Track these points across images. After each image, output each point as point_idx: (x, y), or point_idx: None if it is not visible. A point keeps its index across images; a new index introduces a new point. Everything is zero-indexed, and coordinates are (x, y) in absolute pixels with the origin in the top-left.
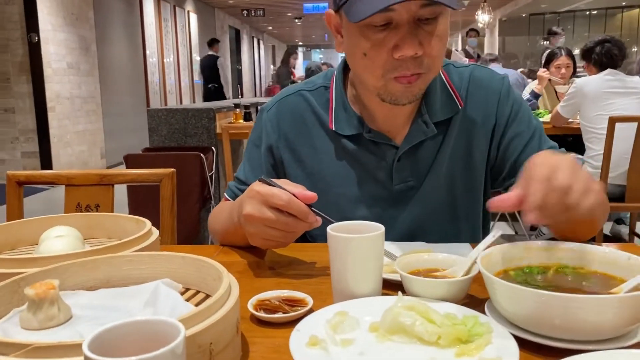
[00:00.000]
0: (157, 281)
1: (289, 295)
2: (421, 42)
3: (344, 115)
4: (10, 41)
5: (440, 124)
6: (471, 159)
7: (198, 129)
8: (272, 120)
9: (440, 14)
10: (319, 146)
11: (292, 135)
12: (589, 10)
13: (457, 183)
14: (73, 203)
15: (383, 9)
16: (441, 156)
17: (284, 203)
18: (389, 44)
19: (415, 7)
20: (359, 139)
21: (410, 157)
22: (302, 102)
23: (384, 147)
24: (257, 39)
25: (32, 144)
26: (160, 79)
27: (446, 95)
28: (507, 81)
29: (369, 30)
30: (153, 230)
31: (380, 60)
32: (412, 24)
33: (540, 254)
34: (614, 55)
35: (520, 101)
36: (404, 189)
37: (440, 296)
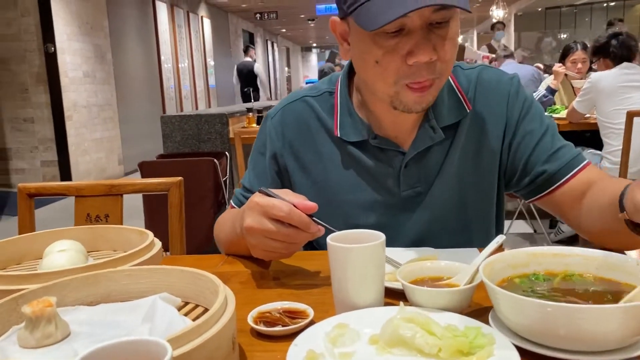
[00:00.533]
0: (155, 296)
1: (289, 306)
2: (435, 47)
3: (349, 121)
4: (28, 52)
5: (447, 128)
6: (481, 162)
7: (211, 134)
8: (277, 127)
9: (451, 17)
10: (324, 153)
11: (297, 142)
12: (606, 2)
13: (468, 187)
14: (83, 214)
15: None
16: (449, 161)
17: (284, 214)
18: (402, 51)
19: (428, 12)
20: (365, 145)
21: (417, 163)
22: (307, 108)
23: (390, 154)
24: (271, 42)
25: (51, 152)
26: (176, 85)
27: (454, 98)
28: (516, 81)
29: (380, 38)
30: (155, 242)
31: (394, 68)
32: (425, 29)
33: (547, 260)
34: (632, 47)
35: (531, 100)
36: (412, 195)
37: (442, 306)
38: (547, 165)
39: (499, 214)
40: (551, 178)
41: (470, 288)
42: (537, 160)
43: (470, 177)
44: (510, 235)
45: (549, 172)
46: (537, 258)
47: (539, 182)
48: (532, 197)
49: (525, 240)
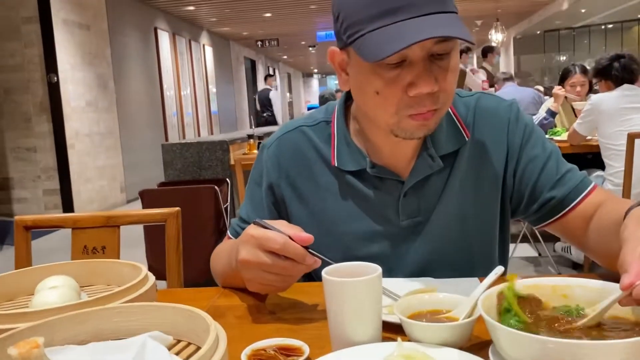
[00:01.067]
0: (145, 335)
1: (284, 343)
2: (436, 78)
3: (346, 150)
4: (31, 82)
5: (446, 156)
6: (482, 190)
7: (212, 161)
8: (272, 158)
9: (452, 49)
10: (321, 183)
11: (293, 173)
12: (604, 25)
13: (469, 216)
14: (80, 245)
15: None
16: (449, 190)
17: (280, 246)
18: (403, 82)
19: (430, 44)
20: (362, 174)
21: (417, 192)
22: (303, 138)
23: (389, 183)
24: (273, 68)
25: (54, 181)
26: (178, 112)
27: (452, 127)
28: (515, 107)
29: (381, 69)
30: (149, 277)
31: (395, 99)
32: (426, 61)
33: (546, 292)
34: (634, 70)
35: (531, 126)
36: (412, 225)
37: (441, 341)
38: (555, 192)
39: (504, 242)
40: (560, 204)
41: (470, 322)
42: (544, 187)
43: (470, 205)
44: (514, 258)
45: (558, 198)
46: (538, 290)
47: (548, 208)
48: (541, 223)
49: (530, 263)
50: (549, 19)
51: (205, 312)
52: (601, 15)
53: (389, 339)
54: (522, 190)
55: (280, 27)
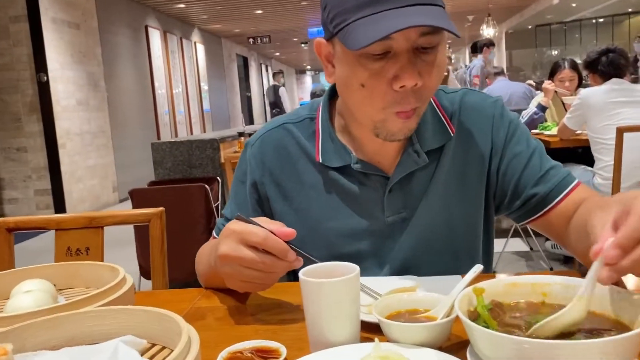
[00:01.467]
0: (117, 339)
1: (262, 345)
2: (420, 72)
3: (331, 146)
4: (20, 81)
5: (432, 152)
6: (466, 186)
7: (202, 159)
8: (256, 156)
9: (438, 43)
10: (305, 180)
11: (277, 170)
12: (595, 19)
13: (453, 212)
14: (63, 247)
15: (385, 37)
16: (434, 186)
17: (261, 240)
18: (387, 74)
19: (414, 36)
20: (347, 170)
21: (402, 188)
22: (287, 135)
23: (374, 179)
24: (265, 65)
25: (44, 181)
26: (170, 110)
27: (437, 122)
28: (500, 103)
29: (366, 60)
30: (127, 279)
31: (380, 92)
32: (411, 53)
33: (526, 290)
34: (621, 65)
35: (516, 122)
36: (397, 221)
37: (419, 341)
38: (538, 188)
39: (488, 238)
40: (543, 201)
41: (447, 322)
42: (527, 183)
43: (455, 201)
44: (506, 253)
45: (540, 194)
46: (517, 288)
47: (531, 205)
48: (525, 220)
49: (522, 258)
50: (541, 13)
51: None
52: (592, 9)
53: (368, 339)
54: (506, 187)
55: (272, 24)
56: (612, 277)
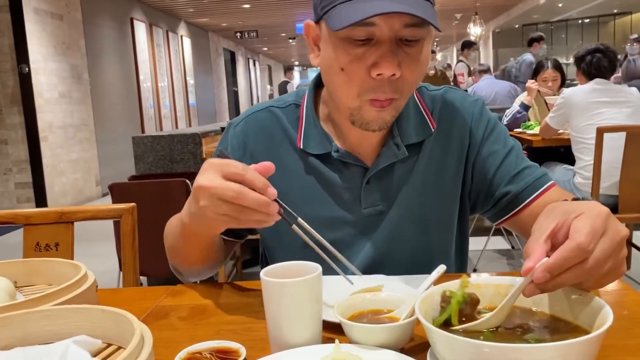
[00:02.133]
0: (69, 340)
1: (221, 346)
2: (400, 63)
3: (313, 133)
4: (2, 73)
5: (411, 147)
6: (443, 182)
7: (184, 154)
8: (238, 136)
9: (422, 39)
10: (286, 165)
11: (258, 152)
12: (581, 19)
13: (428, 208)
14: (32, 242)
15: (364, 20)
16: (412, 180)
17: (240, 170)
18: (367, 61)
19: (398, 26)
20: (327, 158)
21: (379, 180)
22: (272, 118)
23: (353, 169)
24: (253, 60)
25: (26, 174)
26: (155, 104)
27: (419, 117)
28: (480, 103)
29: (349, 44)
30: (88, 276)
31: (358, 78)
32: (393, 43)
33: (489, 291)
34: (603, 67)
35: (494, 122)
36: (373, 214)
37: (380, 342)
38: (511, 186)
39: (462, 237)
40: (515, 199)
41: (408, 323)
42: (501, 181)
43: (431, 197)
44: (487, 251)
45: (513, 192)
46: (480, 289)
47: (504, 203)
48: (499, 219)
49: (503, 256)
50: (527, 12)
51: (145, 313)
52: (578, 9)
53: (331, 340)
54: (480, 184)
55: (260, 19)
56: (535, 293)
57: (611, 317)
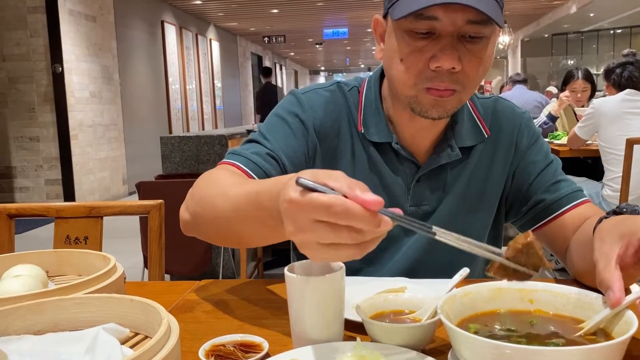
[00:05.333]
0: (99, 327)
1: (245, 339)
2: (460, 58)
3: (374, 121)
4: (36, 72)
5: (463, 151)
6: (486, 189)
7: (210, 155)
8: (309, 102)
9: (486, 37)
10: (343, 144)
11: (326, 124)
12: (613, 29)
13: (469, 213)
14: (62, 235)
15: (426, 9)
16: (458, 185)
17: (340, 216)
18: (427, 53)
19: (461, 22)
20: (384, 148)
21: (429, 180)
22: (340, 94)
23: (406, 164)
24: (280, 65)
25: (55, 171)
26: (183, 106)
27: (472, 123)
28: (527, 115)
29: (410, 37)
30: (117, 268)
31: (416, 69)
32: (454, 38)
33: (512, 296)
34: (634, 78)
35: (539, 134)
36: (419, 213)
37: (401, 342)
38: (547, 195)
39: (496, 243)
40: (548, 208)
41: (430, 324)
42: (538, 189)
43: (473, 202)
44: None
45: (547, 201)
46: (502, 293)
47: (536, 210)
48: (529, 228)
49: None
50: (558, 22)
51: (170, 306)
52: (610, 19)
53: (352, 338)
54: (517, 191)
55: (287, 24)
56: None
57: (636, 324)
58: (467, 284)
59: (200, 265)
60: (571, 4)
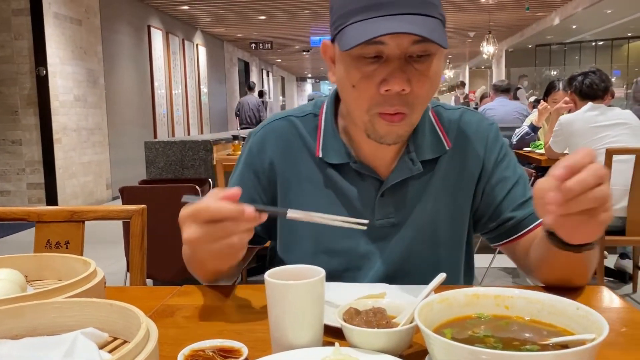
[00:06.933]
0: (78, 332)
1: (224, 345)
2: (410, 79)
3: (332, 143)
4: (19, 75)
5: (427, 163)
6: (456, 201)
7: (195, 160)
8: (258, 144)
9: (432, 55)
10: (303, 173)
11: (277, 160)
12: (595, 41)
13: (442, 224)
14: (43, 240)
15: (371, 40)
16: (427, 197)
17: (211, 212)
18: (377, 78)
19: (407, 43)
20: (345, 169)
21: (394, 194)
22: (290, 127)
23: (369, 181)
24: (267, 71)
25: (38, 175)
26: (168, 111)
27: (434, 135)
28: (495, 127)
29: (360, 62)
30: (98, 272)
31: (368, 94)
32: (402, 60)
33: (488, 302)
34: (595, 86)
35: (506, 148)
36: (386, 226)
37: (379, 347)
38: (517, 213)
39: (469, 253)
40: (518, 225)
41: (407, 329)
42: (508, 207)
43: (445, 214)
44: (493, 269)
45: (517, 218)
46: (479, 299)
47: (506, 227)
48: (498, 242)
49: (509, 274)
50: (541, 33)
51: (151, 311)
52: (591, 32)
53: (331, 343)
54: (486, 207)
55: (275, 31)
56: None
57: (607, 329)
58: (443, 289)
59: (183, 270)
60: (554, 15)
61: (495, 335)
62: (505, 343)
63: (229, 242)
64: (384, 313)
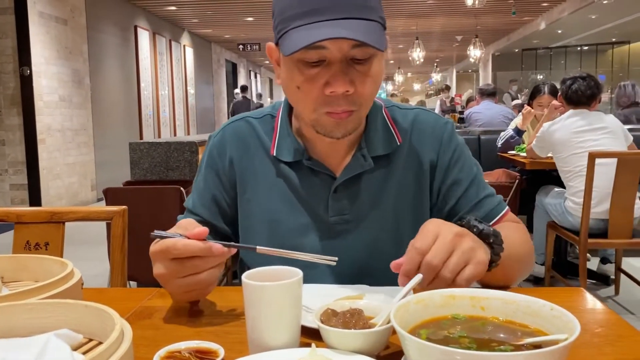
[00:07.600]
0: (51, 333)
1: (201, 346)
2: (353, 81)
3: (286, 142)
4: (3, 74)
5: (380, 160)
6: (416, 199)
7: (180, 162)
8: (217, 146)
9: (373, 56)
10: (259, 172)
11: (236, 159)
12: (580, 46)
13: (404, 222)
14: (22, 241)
15: (311, 45)
16: (385, 194)
17: (180, 250)
18: (320, 80)
19: (347, 47)
20: (298, 166)
21: (347, 190)
22: (247, 127)
23: (322, 177)
24: (254, 72)
25: (21, 176)
26: (154, 112)
27: (386, 132)
28: (450, 126)
29: (303, 66)
30: (75, 273)
31: (313, 95)
32: (344, 63)
33: (464, 302)
34: (580, 92)
35: (461, 147)
36: (340, 222)
37: (356, 348)
38: (471, 214)
39: None
40: None
41: (384, 330)
42: (462, 208)
43: (407, 212)
44: None
45: None
46: (455, 300)
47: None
48: None
49: None
50: (527, 37)
51: (128, 313)
52: (577, 37)
53: (308, 345)
54: (443, 206)
55: (262, 32)
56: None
57: (578, 329)
58: (418, 291)
59: None
60: (540, 20)
61: (470, 335)
62: (480, 343)
63: (197, 279)
64: (362, 314)
